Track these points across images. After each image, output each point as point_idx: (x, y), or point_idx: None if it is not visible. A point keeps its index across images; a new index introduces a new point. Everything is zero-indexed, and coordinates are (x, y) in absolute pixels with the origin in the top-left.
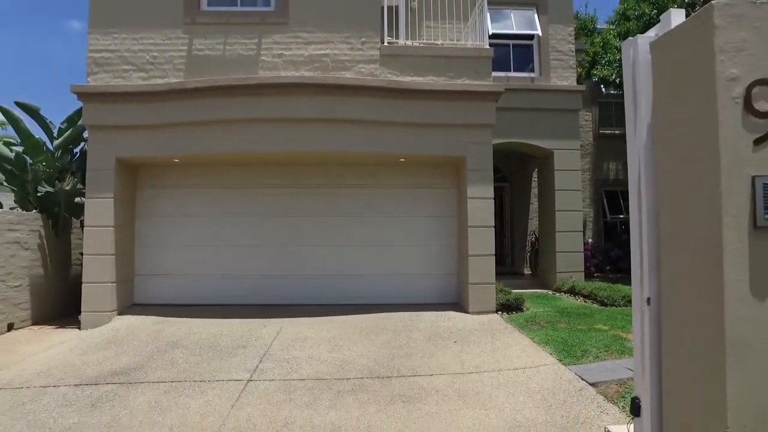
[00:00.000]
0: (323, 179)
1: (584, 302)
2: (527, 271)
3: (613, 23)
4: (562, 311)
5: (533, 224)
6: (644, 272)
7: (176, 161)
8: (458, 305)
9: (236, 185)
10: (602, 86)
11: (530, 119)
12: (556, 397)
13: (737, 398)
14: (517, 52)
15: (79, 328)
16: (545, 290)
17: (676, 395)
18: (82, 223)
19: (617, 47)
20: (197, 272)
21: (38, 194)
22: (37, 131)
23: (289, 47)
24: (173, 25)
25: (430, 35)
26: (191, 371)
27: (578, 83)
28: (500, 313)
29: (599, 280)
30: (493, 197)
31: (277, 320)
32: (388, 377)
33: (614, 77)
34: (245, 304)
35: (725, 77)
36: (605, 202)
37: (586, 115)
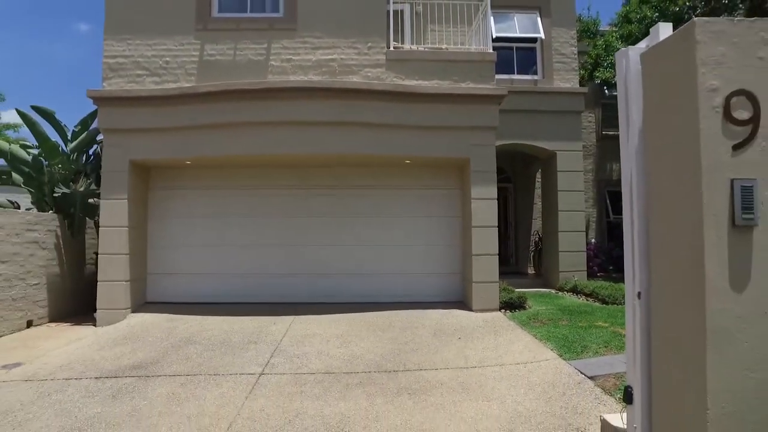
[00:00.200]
0: (330, 181)
1: (586, 300)
2: (531, 270)
3: (615, 26)
4: (563, 309)
5: (537, 224)
6: (635, 268)
7: (188, 163)
8: (462, 303)
9: (246, 186)
10: (605, 88)
11: (533, 121)
12: (555, 389)
13: (717, 382)
14: (520, 54)
15: (94, 325)
16: (548, 289)
17: (663, 382)
18: (96, 223)
19: (620, 49)
20: (208, 271)
21: (54, 195)
22: (50, 134)
23: (297, 52)
24: (185, 31)
25: (435, 39)
26: (205, 365)
27: (581, 85)
28: (503, 310)
29: (602, 279)
30: (496, 198)
31: (286, 317)
32: (394, 371)
33: (616, 79)
34: (255, 302)
35: (706, 88)
36: (608, 202)
37: (589, 116)
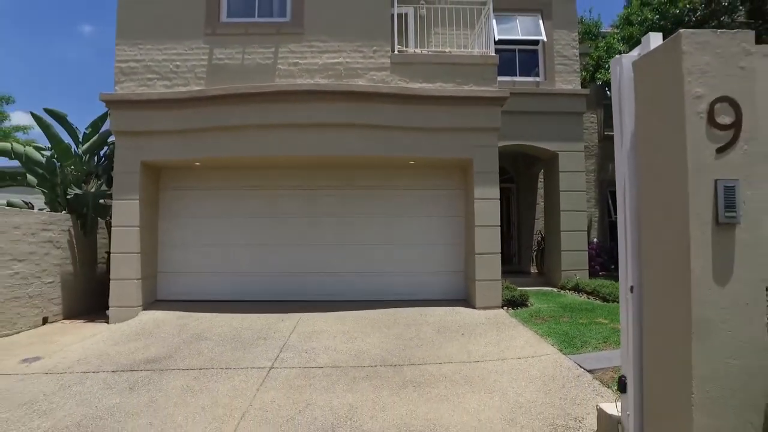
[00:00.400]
0: (337, 181)
1: (587, 298)
2: (534, 270)
3: (617, 27)
4: (565, 307)
5: (539, 224)
6: (628, 264)
7: (197, 164)
8: (466, 301)
9: (254, 187)
10: (607, 89)
11: (536, 122)
12: (555, 382)
13: (701, 369)
14: (522, 57)
15: (107, 322)
16: (550, 288)
17: (653, 370)
18: (107, 223)
19: (621, 51)
20: (217, 270)
21: (67, 196)
22: (61, 136)
23: (304, 56)
24: (195, 35)
25: (438, 42)
26: (217, 360)
27: (582, 87)
28: (506, 308)
29: (604, 278)
30: (498, 198)
31: (294, 315)
32: (400, 365)
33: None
34: (263, 300)
35: (692, 95)
36: (610, 202)
37: (591, 117)
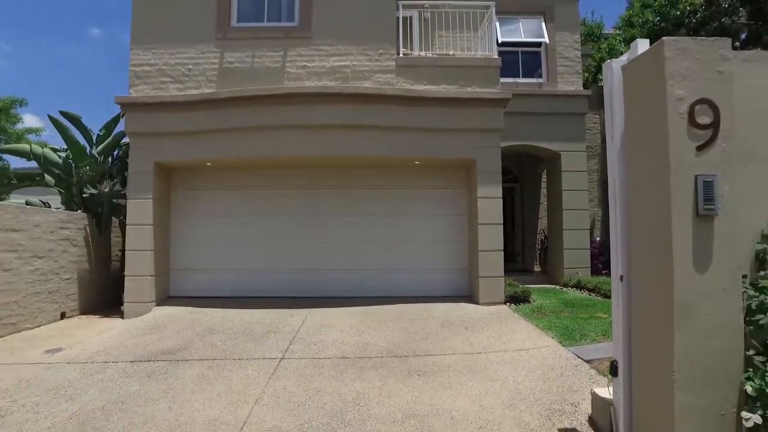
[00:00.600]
0: (344, 181)
1: (588, 295)
2: (537, 268)
3: (619, 29)
4: (566, 303)
5: (543, 223)
6: (618, 254)
7: (208, 165)
8: (470, 297)
9: (263, 187)
10: None
11: (538, 123)
12: (554, 371)
13: (682, 350)
14: (525, 58)
15: (122, 317)
16: (553, 285)
17: (639, 351)
18: (120, 222)
19: (623, 52)
20: (227, 267)
21: (83, 196)
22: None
23: (312, 59)
24: (206, 40)
25: (442, 44)
26: (230, 351)
27: (585, 88)
28: (509, 304)
29: (606, 276)
30: (501, 197)
31: (302, 310)
32: (405, 356)
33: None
34: (272, 296)
35: (674, 97)
36: None
37: (594, 117)
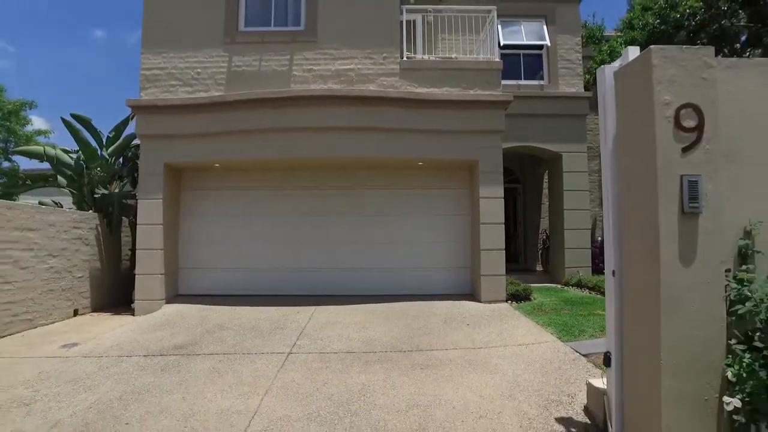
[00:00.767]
0: (349, 181)
1: (589, 293)
2: (539, 267)
3: (620, 31)
4: (566, 301)
5: (545, 223)
6: (611, 251)
7: (216, 166)
8: (472, 295)
9: (270, 187)
10: None
11: (540, 124)
12: (552, 365)
13: (669, 339)
14: (527, 61)
15: (132, 314)
16: (554, 284)
17: (630, 341)
18: (130, 222)
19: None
20: (235, 266)
21: (95, 196)
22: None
23: (318, 63)
24: (215, 44)
25: (445, 47)
26: (239, 346)
27: (586, 90)
28: (510, 302)
29: None
30: (503, 197)
31: (308, 308)
32: (408, 351)
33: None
34: (278, 294)
35: (661, 102)
36: None
37: (595, 119)
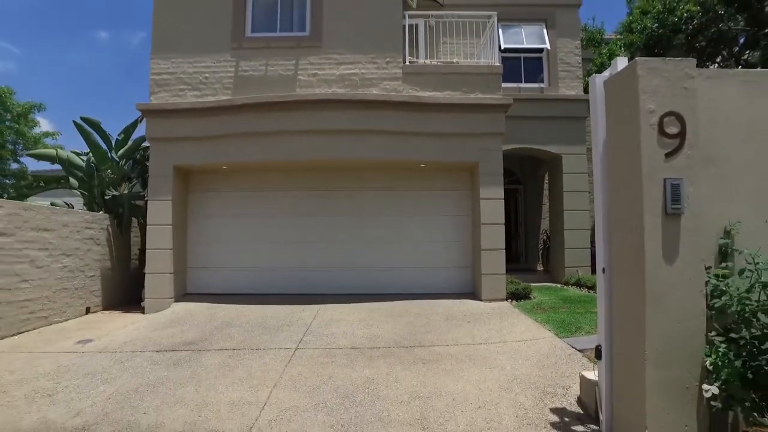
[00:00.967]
0: (353, 183)
1: (587, 292)
2: (540, 267)
3: (620, 34)
4: (565, 299)
5: (545, 224)
6: (601, 249)
7: (224, 168)
8: (473, 294)
9: (276, 188)
10: None
11: (540, 126)
12: (549, 359)
13: (653, 331)
14: (527, 64)
15: (142, 312)
16: (554, 284)
17: (618, 334)
18: (139, 222)
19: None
20: (241, 265)
21: (105, 197)
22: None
23: (322, 67)
24: (222, 49)
25: (447, 51)
26: (247, 342)
27: (585, 92)
28: (510, 300)
29: None
30: (503, 198)
31: (313, 306)
32: (411, 347)
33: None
34: (284, 293)
35: (646, 110)
36: None
37: None
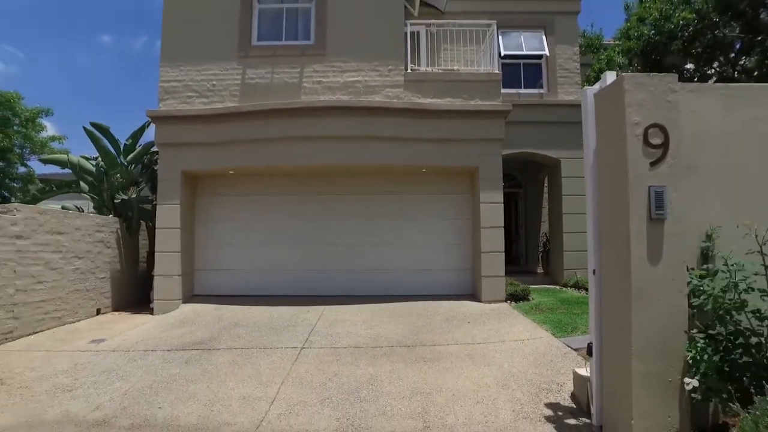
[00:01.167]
0: (356, 187)
1: (585, 294)
2: (540, 270)
3: (618, 40)
4: (563, 300)
5: (545, 227)
6: (592, 252)
7: (231, 173)
8: (473, 295)
9: (281, 193)
10: None
11: (540, 131)
12: (545, 357)
13: (638, 328)
14: (527, 70)
15: (151, 313)
16: (553, 285)
17: (607, 331)
18: (147, 225)
19: (620, 63)
20: (247, 267)
21: (115, 201)
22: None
23: (326, 75)
24: (229, 58)
25: (447, 57)
26: (255, 342)
27: None
28: (509, 302)
29: None
30: (502, 202)
31: (318, 307)
32: (413, 346)
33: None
34: (289, 294)
35: (631, 122)
36: None
37: None
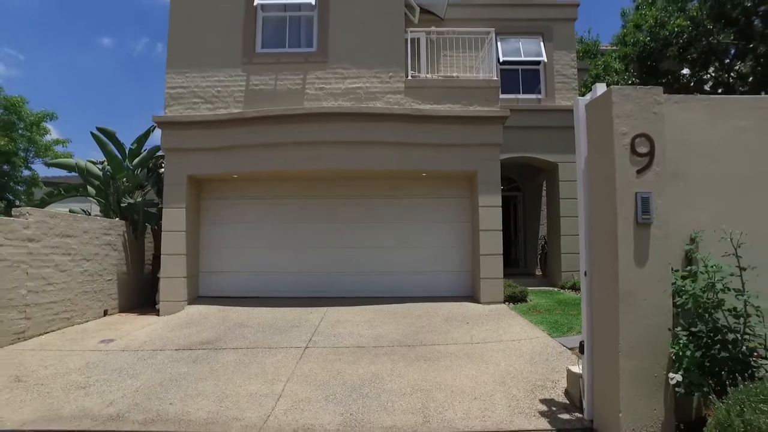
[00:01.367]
0: (357, 191)
1: None
2: (538, 272)
3: (615, 45)
4: (560, 302)
5: (544, 229)
6: (583, 254)
7: (235, 177)
8: (472, 297)
9: (285, 197)
10: None
11: (538, 136)
12: (541, 356)
13: (626, 327)
14: (525, 76)
15: (157, 314)
16: (551, 287)
17: (597, 330)
18: (152, 228)
19: (617, 69)
20: (251, 269)
21: (121, 204)
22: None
23: (329, 81)
24: (234, 64)
25: (447, 63)
26: (260, 341)
27: None
28: (507, 303)
29: None
30: (500, 206)
31: (320, 308)
32: (413, 345)
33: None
34: (292, 296)
35: (619, 132)
36: None
37: None
